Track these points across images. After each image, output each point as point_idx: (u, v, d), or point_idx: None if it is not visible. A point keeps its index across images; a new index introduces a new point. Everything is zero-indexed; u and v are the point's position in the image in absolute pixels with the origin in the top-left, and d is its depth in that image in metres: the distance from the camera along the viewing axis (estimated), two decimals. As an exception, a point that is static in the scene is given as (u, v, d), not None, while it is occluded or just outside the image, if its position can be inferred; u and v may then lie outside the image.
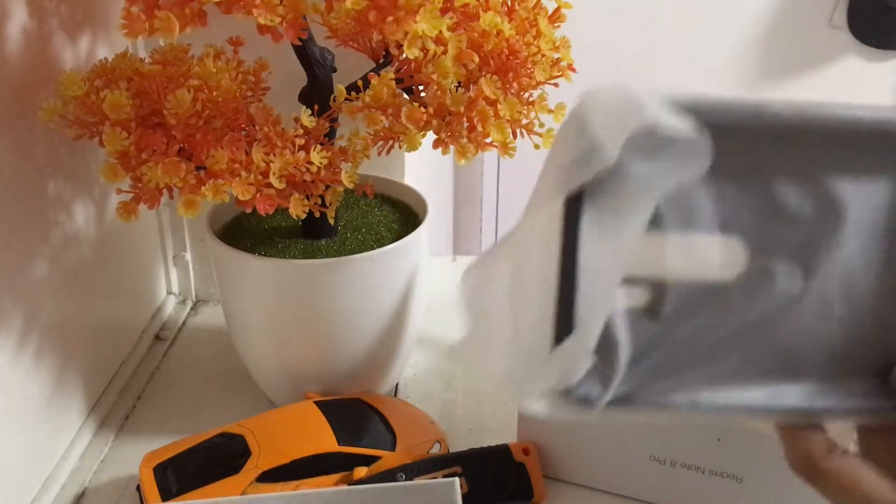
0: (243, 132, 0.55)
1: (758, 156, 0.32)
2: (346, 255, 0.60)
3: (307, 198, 0.55)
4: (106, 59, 0.56)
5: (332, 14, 0.56)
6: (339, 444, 0.56)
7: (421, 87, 0.57)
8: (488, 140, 0.54)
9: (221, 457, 0.56)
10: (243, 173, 0.52)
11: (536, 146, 0.56)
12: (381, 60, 0.59)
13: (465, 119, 0.54)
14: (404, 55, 0.51)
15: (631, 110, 0.29)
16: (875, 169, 0.33)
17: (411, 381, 0.72)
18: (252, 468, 0.55)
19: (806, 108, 0.32)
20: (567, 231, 0.30)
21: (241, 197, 0.52)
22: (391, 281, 0.61)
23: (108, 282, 0.69)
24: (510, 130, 0.56)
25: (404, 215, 0.67)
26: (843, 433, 0.36)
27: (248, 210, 0.53)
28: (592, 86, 0.31)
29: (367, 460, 0.57)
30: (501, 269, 0.34)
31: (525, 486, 0.57)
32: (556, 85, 0.58)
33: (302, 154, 0.54)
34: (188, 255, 0.82)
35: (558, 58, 0.58)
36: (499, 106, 0.54)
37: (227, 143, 0.52)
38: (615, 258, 0.30)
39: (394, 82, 0.54)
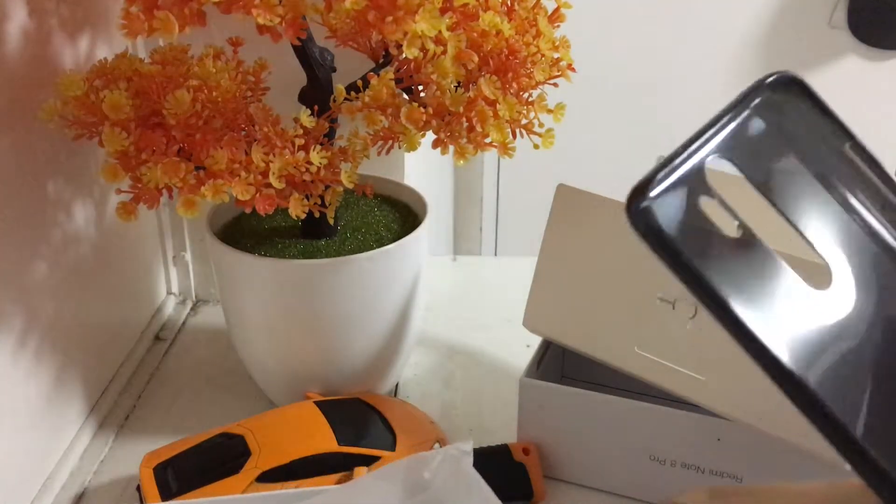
0: (243, 132, 0.55)
1: None
2: (346, 255, 0.60)
3: (307, 198, 0.55)
4: (106, 59, 0.56)
5: (332, 14, 0.56)
6: (339, 444, 0.56)
7: (420, 87, 0.57)
8: (488, 140, 0.54)
9: (221, 457, 0.56)
10: (243, 173, 0.52)
11: (536, 146, 0.56)
12: (381, 60, 0.59)
13: (464, 119, 0.54)
14: (404, 55, 0.51)
15: None
16: None
17: (411, 381, 0.72)
18: (252, 468, 0.55)
19: None
20: None
21: (240, 197, 0.52)
22: (391, 281, 0.61)
23: (108, 282, 0.69)
24: (509, 130, 0.55)
25: (404, 215, 0.67)
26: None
27: (248, 210, 0.53)
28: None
29: (367, 460, 0.57)
30: None
31: (525, 486, 0.57)
32: (555, 85, 0.58)
33: (301, 154, 0.54)
34: (188, 255, 0.82)
35: (558, 58, 0.58)
36: (498, 106, 0.54)
37: (227, 143, 0.52)
38: None
39: (393, 82, 0.54)
